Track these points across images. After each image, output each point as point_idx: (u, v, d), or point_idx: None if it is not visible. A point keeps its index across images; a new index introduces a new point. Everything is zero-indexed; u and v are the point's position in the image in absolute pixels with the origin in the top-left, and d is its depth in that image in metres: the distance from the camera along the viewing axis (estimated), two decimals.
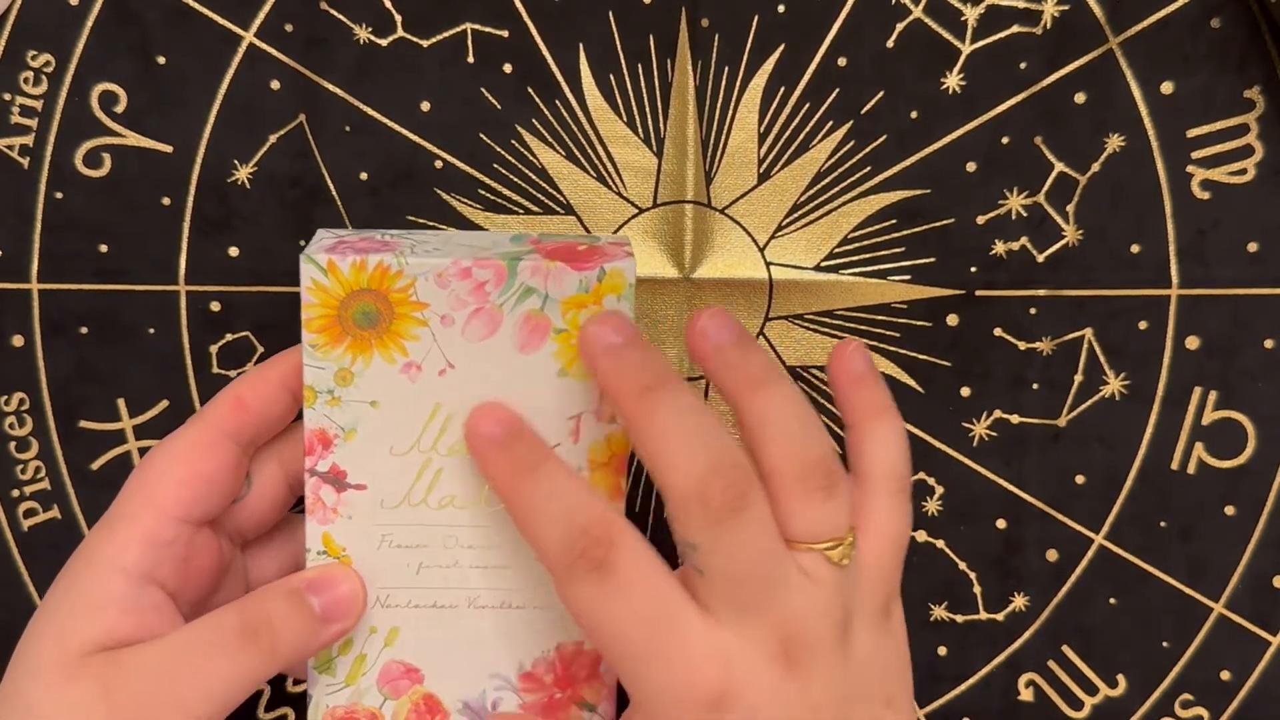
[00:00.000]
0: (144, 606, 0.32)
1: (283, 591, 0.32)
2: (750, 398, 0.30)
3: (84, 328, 0.41)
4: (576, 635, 0.33)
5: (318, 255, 0.32)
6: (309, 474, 0.33)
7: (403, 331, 0.32)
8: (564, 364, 0.32)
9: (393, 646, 0.33)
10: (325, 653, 0.33)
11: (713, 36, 0.40)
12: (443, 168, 0.40)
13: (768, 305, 0.41)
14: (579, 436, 0.33)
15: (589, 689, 0.34)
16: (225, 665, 0.31)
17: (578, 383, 0.32)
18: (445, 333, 0.32)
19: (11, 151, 0.40)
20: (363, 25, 0.40)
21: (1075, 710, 0.41)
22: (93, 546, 0.32)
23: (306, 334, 0.32)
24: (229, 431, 0.33)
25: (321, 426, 0.33)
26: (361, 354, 0.32)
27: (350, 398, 0.32)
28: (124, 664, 0.31)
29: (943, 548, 0.41)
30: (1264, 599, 0.41)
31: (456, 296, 0.32)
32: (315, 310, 0.32)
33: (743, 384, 0.30)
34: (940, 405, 0.41)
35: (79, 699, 0.30)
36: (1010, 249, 0.40)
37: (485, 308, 0.32)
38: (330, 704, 0.34)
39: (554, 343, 0.32)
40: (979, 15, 0.39)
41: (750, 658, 0.28)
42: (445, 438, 0.33)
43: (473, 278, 0.32)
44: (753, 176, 0.40)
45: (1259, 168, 0.40)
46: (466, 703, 0.34)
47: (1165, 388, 0.40)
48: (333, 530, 0.33)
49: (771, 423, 0.30)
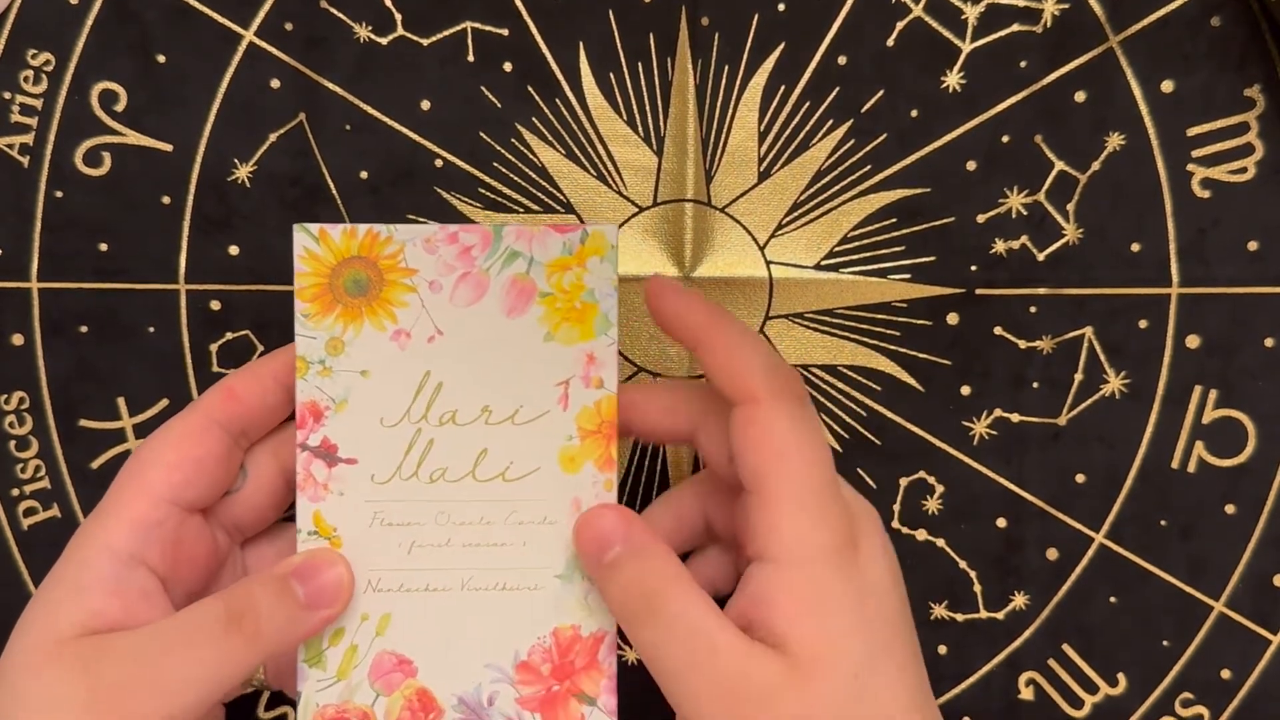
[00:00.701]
0: (131, 589, 0.32)
1: (267, 578, 0.32)
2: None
3: (84, 327, 0.41)
4: (573, 619, 0.33)
5: (310, 225, 0.33)
6: (300, 449, 0.33)
7: (392, 299, 0.33)
8: (550, 328, 0.33)
9: (385, 635, 0.33)
10: (316, 645, 0.33)
11: (713, 35, 0.40)
12: (443, 166, 0.40)
13: (768, 304, 0.41)
14: (568, 403, 0.33)
15: (587, 679, 0.33)
16: (208, 652, 0.31)
17: (564, 347, 0.33)
18: (434, 299, 0.33)
19: (11, 150, 0.40)
20: (363, 24, 0.40)
21: (1076, 709, 0.41)
22: (83, 533, 0.32)
23: (299, 303, 0.33)
24: (219, 420, 0.33)
25: (313, 398, 0.33)
26: (352, 322, 0.33)
27: (341, 367, 0.33)
28: (107, 648, 0.31)
29: (943, 546, 0.41)
30: (1264, 598, 0.41)
31: (444, 262, 0.33)
32: (308, 279, 0.33)
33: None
34: (940, 404, 0.41)
35: (60, 681, 0.30)
36: (1010, 248, 0.40)
37: (472, 272, 0.33)
38: (321, 701, 0.33)
39: (540, 306, 0.33)
40: (979, 14, 0.39)
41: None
42: (436, 407, 0.33)
43: (459, 242, 0.33)
44: (753, 175, 0.40)
45: (1259, 166, 0.40)
46: (461, 698, 0.33)
47: (1165, 386, 0.40)
48: (324, 508, 0.33)
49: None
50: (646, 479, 0.42)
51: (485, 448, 0.33)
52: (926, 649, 0.41)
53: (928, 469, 0.41)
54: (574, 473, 0.33)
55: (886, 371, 0.41)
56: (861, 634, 0.30)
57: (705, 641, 0.30)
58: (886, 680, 0.30)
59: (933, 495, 0.41)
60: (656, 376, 0.41)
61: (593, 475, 0.33)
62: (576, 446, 0.33)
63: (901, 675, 0.31)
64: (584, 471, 0.33)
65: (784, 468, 0.31)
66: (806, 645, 0.30)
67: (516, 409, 0.33)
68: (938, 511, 0.41)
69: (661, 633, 0.30)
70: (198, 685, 0.30)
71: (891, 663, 0.31)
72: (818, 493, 0.31)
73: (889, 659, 0.31)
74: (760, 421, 0.31)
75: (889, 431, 0.41)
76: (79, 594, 0.31)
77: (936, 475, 0.41)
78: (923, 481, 0.41)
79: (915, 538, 0.41)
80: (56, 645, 0.31)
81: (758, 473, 0.31)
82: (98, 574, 0.31)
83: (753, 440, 0.31)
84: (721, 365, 0.32)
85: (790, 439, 0.31)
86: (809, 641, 0.30)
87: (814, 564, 0.30)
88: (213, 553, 0.34)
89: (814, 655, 0.29)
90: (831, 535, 0.31)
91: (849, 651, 0.30)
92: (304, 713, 0.33)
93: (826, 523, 0.31)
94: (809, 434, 0.31)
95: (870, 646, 0.30)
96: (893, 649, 0.31)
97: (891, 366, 0.41)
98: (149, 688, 0.30)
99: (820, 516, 0.31)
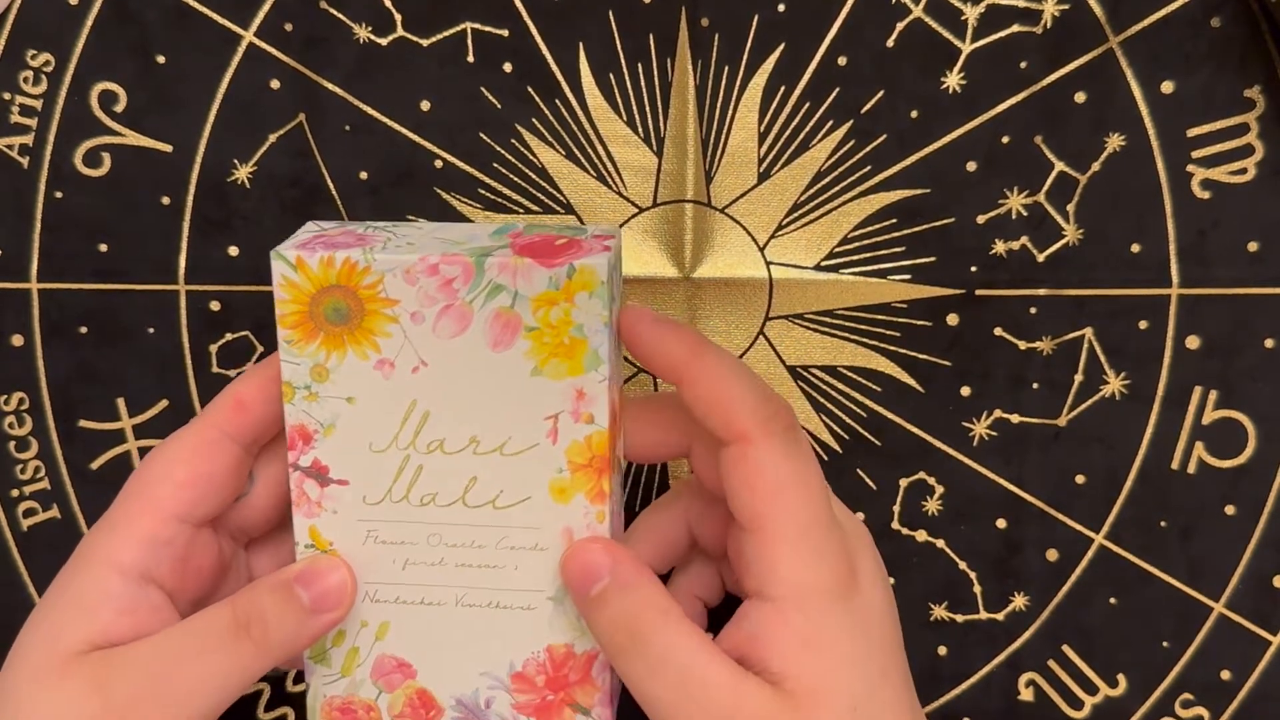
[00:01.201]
0: (141, 607, 0.31)
1: (272, 585, 0.32)
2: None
3: (84, 327, 0.41)
4: (566, 638, 0.33)
5: (286, 251, 0.31)
6: (292, 468, 0.33)
7: (374, 328, 0.32)
8: (537, 363, 0.32)
9: (384, 640, 0.33)
10: (320, 644, 0.33)
11: (713, 36, 0.40)
12: (442, 167, 0.40)
13: (768, 305, 0.41)
14: (557, 437, 0.32)
15: (581, 692, 0.33)
16: (218, 660, 0.31)
17: (552, 382, 0.32)
18: (416, 330, 0.32)
19: (11, 151, 0.40)
20: (362, 24, 0.40)
21: (1075, 710, 0.41)
22: (90, 546, 0.32)
23: (281, 329, 0.32)
24: (230, 433, 0.33)
25: (301, 422, 0.33)
26: (335, 350, 0.32)
27: (327, 393, 0.32)
28: (117, 662, 0.31)
29: (943, 547, 0.41)
30: (1264, 599, 0.41)
31: (425, 293, 0.31)
32: (288, 306, 0.32)
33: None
34: (940, 405, 0.41)
35: (72, 699, 0.30)
36: (1010, 248, 0.40)
37: (455, 305, 0.31)
38: (328, 693, 0.34)
39: (526, 340, 0.32)
40: (979, 14, 0.39)
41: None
42: (423, 435, 0.32)
43: (440, 274, 0.31)
44: (753, 176, 0.40)
45: (1259, 167, 0.39)
46: (460, 700, 0.34)
47: (1165, 387, 0.40)
48: (319, 524, 0.33)
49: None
50: (646, 479, 0.42)
51: (474, 475, 0.32)
52: (926, 650, 0.41)
53: (928, 470, 0.41)
54: (565, 503, 0.32)
55: (886, 372, 0.41)
56: (861, 666, 0.30)
57: (696, 676, 0.29)
58: (883, 708, 0.30)
59: (932, 496, 0.41)
60: (656, 377, 0.41)
61: (584, 507, 0.32)
62: (567, 479, 0.32)
63: (897, 700, 0.31)
64: (575, 503, 0.32)
65: (780, 506, 0.30)
66: (804, 681, 0.29)
67: (504, 440, 0.32)
68: (937, 512, 0.41)
69: (650, 668, 0.30)
70: (210, 694, 0.31)
71: (889, 689, 0.31)
72: (815, 529, 0.30)
73: (886, 686, 0.31)
74: (752, 460, 0.30)
75: (889, 432, 0.41)
76: (87, 612, 0.31)
77: (936, 476, 0.41)
78: (922, 482, 0.41)
79: (915, 538, 0.41)
80: (64, 661, 0.31)
81: (754, 511, 0.30)
82: (107, 592, 0.31)
83: (746, 480, 0.30)
84: (707, 402, 0.31)
85: (785, 476, 0.30)
86: (806, 678, 0.29)
87: (814, 602, 0.30)
88: (218, 561, 0.34)
89: (811, 690, 0.29)
90: (831, 572, 0.30)
91: (848, 685, 0.30)
92: (313, 702, 0.34)
93: (825, 559, 0.30)
94: (803, 468, 0.31)
95: (869, 678, 0.30)
96: (889, 675, 0.31)
97: (891, 367, 0.41)
98: (162, 700, 0.30)
99: (819, 553, 0.30)
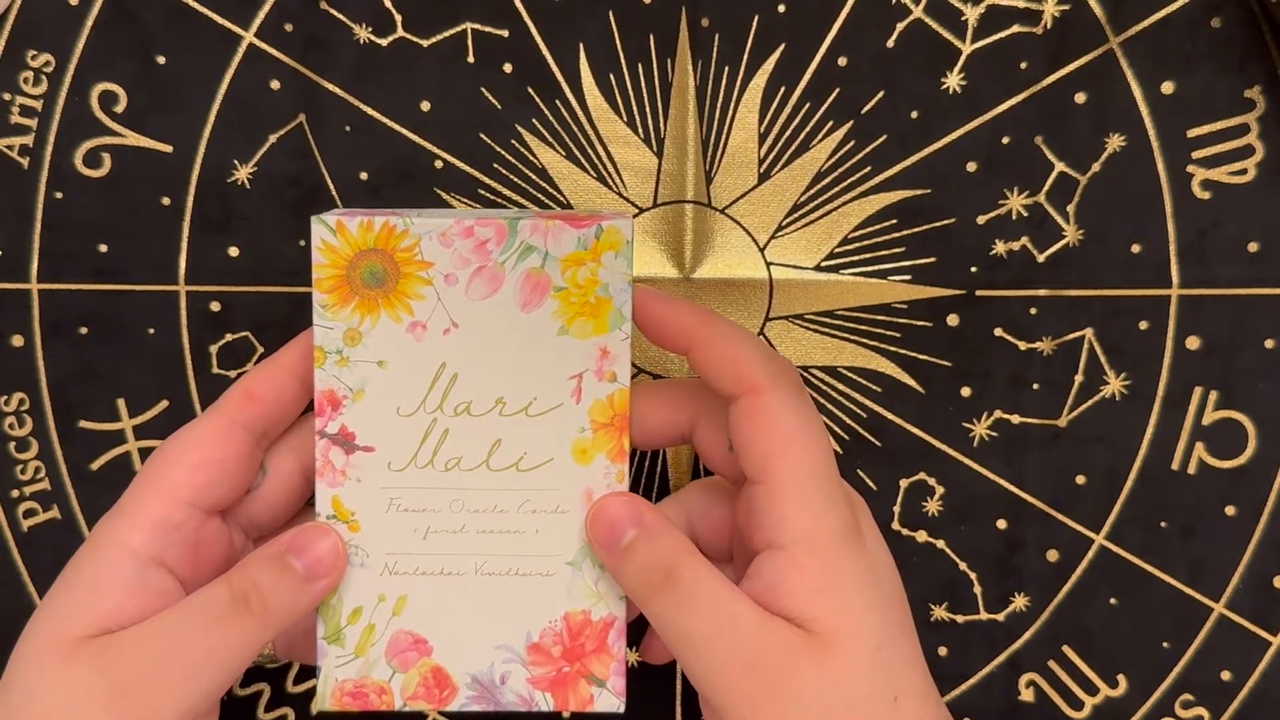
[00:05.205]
0: (150, 589, 0.32)
1: (265, 557, 0.32)
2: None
3: (83, 328, 0.41)
4: (584, 604, 0.34)
5: (327, 216, 0.33)
6: (319, 436, 0.33)
7: (408, 291, 0.33)
8: (564, 322, 0.33)
9: (401, 616, 0.34)
10: (334, 623, 0.34)
11: (713, 36, 0.40)
12: (443, 167, 0.40)
13: (768, 305, 0.41)
14: (580, 396, 0.33)
15: (597, 662, 0.34)
16: (220, 635, 0.31)
17: (578, 341, 0.33)
18: (449, 292, 0.33)
19: (11, 151, 0.40)
20: (363, 25, 0.40)
21: (1076, 710, 0.41)
22: (102, 530, 0.32)
23: (317, 294, 0.33)
24: (241, 421, 0.33)
25: (330, 387, 0.33)
26: (369, 314, 0.33)
27: (358, 358, 0.33)
28: (120, 645, 0.31)
29: (943, 548, 0.41)
30: (1264, 599, 0.41)
31: (460, 255, 0.33)
32: (325, 270, 0.33)
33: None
34: (941, 405, 0.41)
35: (78, 681, 0.30)
36: (1011, 249, 0.40)
37: (487, 266, 0.33)
38: (340, 676, 0.34)
39: (554, 300, 0.33)
40: (979, 15, 0.39)
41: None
42: (450, 398, 0.33)
43: (475, 236, 0.33)
44: (753, 176, 0.40)
45: (1259, 167, 0.39)
46: (475, 677, 0.34)
47: (1166, 388, 0.40)
48: (342, 493, 0.34)
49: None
50: (646, 480, 0.42)
51: (499, 438, 0.33)
52: (927, 650, 0.41)
53: (928, 470, 0.41)
54: (586, 464, 0.34)
55: (887, 373, 0.41)
56: (879, 611, 0.31)
57: (726, 610, 0.30)
58: (904, 655, 0.31)
59: (933, 496, 0.41)
60: (657, 377, 0.41)
61: (605, 467, 0.33)
62: (589, 439, 0.33)
63: (915, 652, 0.32)
64: (596, 463, 0.33)
65: (790, 454, 0.31)
66: (826, 622, 0.30)
67: (530, 401, 0.33)
68: (938, 513, 0.41)
69: (681, 604, 0.31)
70: (214, 670, 0.31)
71: (906, 640, 0.32)
72: (824, 477, 0.31)
73: (904, 636, 0.32)
74: (764, 410, 0.31)
75: (889, 433, 0.41)
76: (95, 593, 0.31)
77: (937, 476, 0.41)
78: (923, 483, 0.41)
79: (915, 539, 0.41)
80: (71, 645, 0.31)
81: (765, 461, 0.31)
82: (116, 573, 0.32)
83: (758, 429, 0.31)
84: (717, 360, 0.32)
85: (795, 425, 0.31)
86: (829, 619, 0.30)
87: (827, 546, 0.31)
88: (229, 552, 0.34)
89: (834, 629, 0.30)
90: (839, 518, 0.31)
91: (869, 626, 0.30)
92: (324, 686, 0.34)
93: (834, 506, 0.31)
94: (811, 420, 0.32)
95: (887, 623, 0.31)
96: (905, 627, 0.32)
97: (892, 368, 0.41)
98: (168, 678, 0.31)
99: (829, 500, 0.31)
